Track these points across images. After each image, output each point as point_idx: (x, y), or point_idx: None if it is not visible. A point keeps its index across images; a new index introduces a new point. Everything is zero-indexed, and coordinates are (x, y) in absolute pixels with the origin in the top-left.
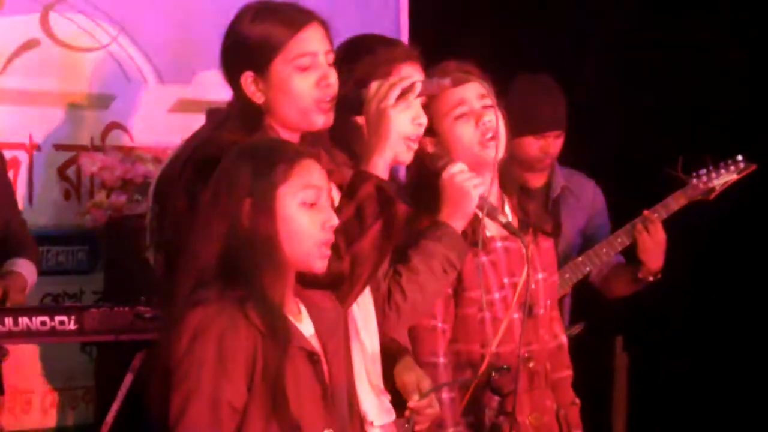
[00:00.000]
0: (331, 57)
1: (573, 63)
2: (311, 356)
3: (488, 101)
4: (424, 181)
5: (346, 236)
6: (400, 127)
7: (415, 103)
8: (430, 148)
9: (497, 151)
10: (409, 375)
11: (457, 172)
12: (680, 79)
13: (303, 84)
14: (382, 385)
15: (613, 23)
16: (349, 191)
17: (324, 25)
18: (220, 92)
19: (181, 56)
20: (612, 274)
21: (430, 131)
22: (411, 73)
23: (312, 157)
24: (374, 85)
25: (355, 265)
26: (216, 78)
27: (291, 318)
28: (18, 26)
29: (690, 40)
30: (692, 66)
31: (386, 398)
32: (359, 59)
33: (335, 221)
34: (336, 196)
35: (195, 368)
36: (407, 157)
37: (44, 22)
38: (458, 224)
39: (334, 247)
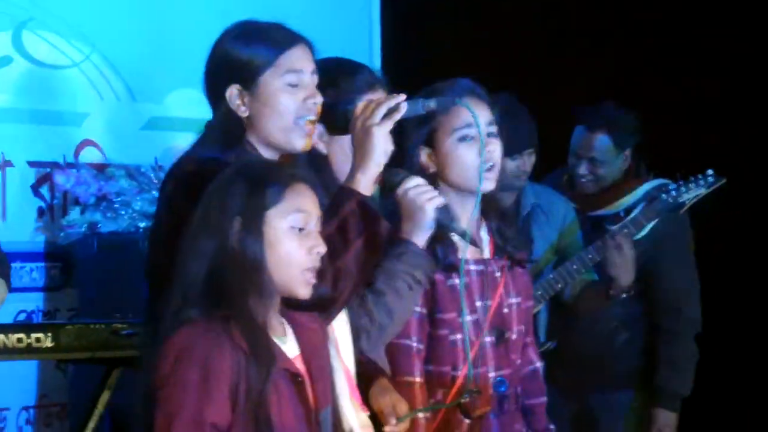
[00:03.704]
0: (316, 79)
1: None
2: (295, 377)
3: (493, 129)
4: (384, 197)
5: (328, 252)
6: (385, 145)
7: None
8: (423, 158)
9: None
10: (385, 399)
11: (411, 186)
12: (654, 97)
13: (290, 100)
14: (360, 400)
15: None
16: (332, 207)
17: (311, 46)
18: (192, 110)
19: (154, 74)
20: (583, 293)
21: (429, 143)
22: None
23: (306, 182)
24: (361, 104)
25: (337, 280)
26: (188, 96)
27: (275, 339)
28: None
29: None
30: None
31: (365, 414)
32: (322, 92)
33: (323, 248)
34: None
35: (179, 389)
36: None
37: (17, 40)
38: (419, 239)
39: (321, 273)
